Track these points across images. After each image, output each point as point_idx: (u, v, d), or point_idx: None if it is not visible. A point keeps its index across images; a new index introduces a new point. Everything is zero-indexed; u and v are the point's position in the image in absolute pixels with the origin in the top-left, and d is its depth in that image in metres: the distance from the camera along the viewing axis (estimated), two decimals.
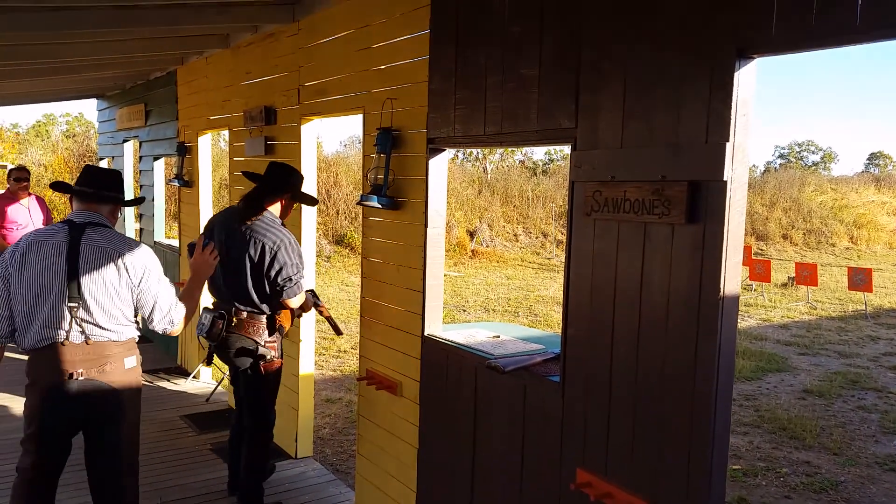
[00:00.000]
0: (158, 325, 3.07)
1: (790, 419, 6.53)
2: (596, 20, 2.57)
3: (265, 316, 3.85)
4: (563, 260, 2.81)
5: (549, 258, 19.28)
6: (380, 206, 3.66)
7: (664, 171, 2.30)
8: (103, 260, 2.90)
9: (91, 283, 2.88)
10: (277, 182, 3.85)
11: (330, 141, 69.38)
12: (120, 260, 2.90)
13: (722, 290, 2.17)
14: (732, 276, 2.20)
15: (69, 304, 2.86)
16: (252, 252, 3.72)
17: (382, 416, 3.94)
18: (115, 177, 3.16)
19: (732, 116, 2.15)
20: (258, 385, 3.92)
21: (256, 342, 3.82)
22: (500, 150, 28.71)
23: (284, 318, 3.93)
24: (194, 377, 6.72)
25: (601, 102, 2.55)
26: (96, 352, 2.92)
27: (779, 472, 5.37)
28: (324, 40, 4.36)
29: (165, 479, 4.51)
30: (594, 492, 2.52)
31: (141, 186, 8.48)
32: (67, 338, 2.88)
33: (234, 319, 3.82)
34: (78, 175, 3.12)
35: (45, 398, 2.92)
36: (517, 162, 31.69)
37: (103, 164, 10.23)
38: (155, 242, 7.94)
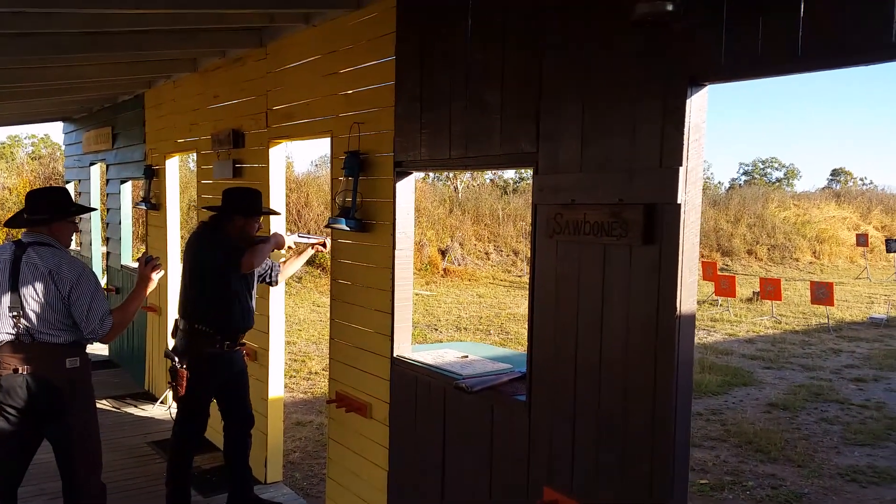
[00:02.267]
0: (87, 332, 3.37)
1: (756, 432, 6.65)
2: (555, 49, 2.65)
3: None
4: (528, 281, 2.87)
5: (520, 276, 19.40)
6: (348, 228, 3.70)
7: (621, 195, 2.38)
8: (37, 276, 3.30)
9: (28, 296, 3.29)
10: (224, 207, 4.12)
11: (301, 161, 69.30)
12: (50, 275, 3.30)
13: (678, 309, 2.24)
14: (688, 295, 2.27)
15: (11, 314, 3.29)
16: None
17: (352, 439, 3.95)
18: (46, 198, 3.50)
19: (685, 142, 2.24)
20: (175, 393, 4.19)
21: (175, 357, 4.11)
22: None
23: None
24: (162, 402, 6.63)
25: (561, 128, 2.63)
26: (39, 351, 3.31)
27: (745, 486, 5.47)
28: (291, 65, 4.41)
29: None
30: None
31: (108, 210, 8.41)
32: (17, 338, 3.29)
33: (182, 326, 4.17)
34: None
35: None
36: (488, 181, 31.91)
37: (69, 187, 10.11)
38: (122, 266, 7.86)
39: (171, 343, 4.33)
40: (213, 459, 5.29)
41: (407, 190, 3.59)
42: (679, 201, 2.24)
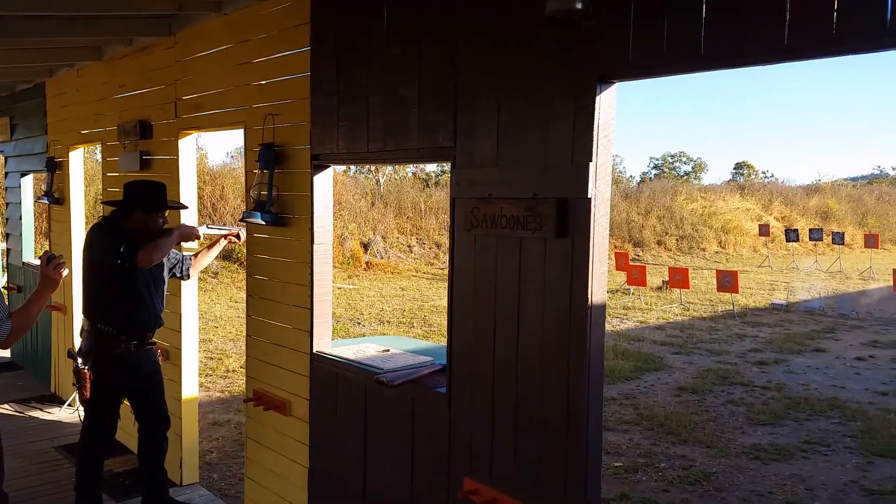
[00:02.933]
0: None
1: (667, 416, 6.93)
2: (469, 45, 2.68)
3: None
4: (447, 274, 2.89)
5: (442, 268, 19.50)
6: (263, 222, 3.63)
7: (536, 189, 2.43)
8: None
9: None
10: (125, 201, 3.96)
11: (216, 152, 67.18)
12: None
13: (590, 300, 2.31)
14: (599, 286, 2.34)
15: None
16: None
17: (271, 437, 3.89)
18: None
19: (595, 138, 2.30)
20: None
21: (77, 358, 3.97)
22: None
23: None
24: (69, 404, 6.34)
25: (477, 123, 2.65)
26: None
27: (657, 467, 5.69)
28: (201, 54, 4.27)
29: None
30: (480, 499, 2.60)
31: (7, 204, 7.94)
32: None
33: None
34: None
35: None
36: (410, 174, 31.89)
37: None
38: (24, 263, 7.44)
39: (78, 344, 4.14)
40: (125, 462, 5.10)
41: (325, 183, 3.55)
42: (589, 195, 2.30)
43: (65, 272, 3.36)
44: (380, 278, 17.78)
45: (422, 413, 2.96)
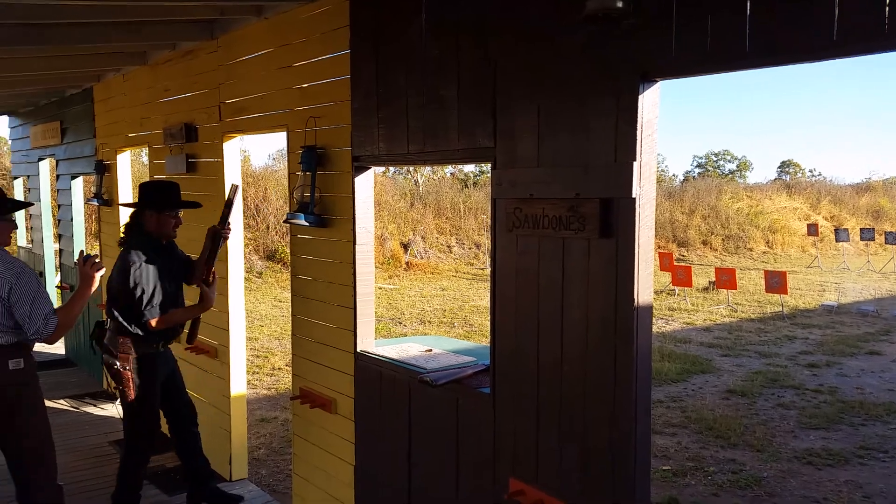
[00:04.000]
0: (31, 332, 3.30)
1: (715, 419, 6.80)
2: (508, 45, 2.66)
3: (131, 335, 3.91)
4: (489, 275, 2.88)
5: (482, 268, 19.47)
6: (307, 223, 3.66)
7: (578, 189, 2.39)
8: None
9: None
10: (138, 202, 4.05)
11: (258, 154, 68.26)
12: None
13: (636, 301, 2.27)
14: (645, 287, 2.30)
15: None
16: (116, 272, 3.92)
17: (318, 435, 3.92)
18: None
19: (638, 137, 2.26)
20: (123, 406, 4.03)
21: (113, 352, 3.93)
22: None
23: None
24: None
25: (518, 123, 2.63)
26: None
27: (706, 471, 5.58)
28: (244, 58, 4.33)
29: None
30: (526, 500, 2.58)
31: (59, 206, 8.18)
32: None
33: (108, 334, 3.97)
34: None
35: None
36: (448, 174, 31.92)
37: (17, 183, 9.81)
38: (75, 264, 7.65)
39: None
40: (176, 458, 5.18)
41: (366, 184, 3.56)
42: (634, 195, 2.26)
43: (102, 271, 3.55)
44: (420, 278, 17.83)
45: (466, 413, 2.94)
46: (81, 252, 3.77)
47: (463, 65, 2.86)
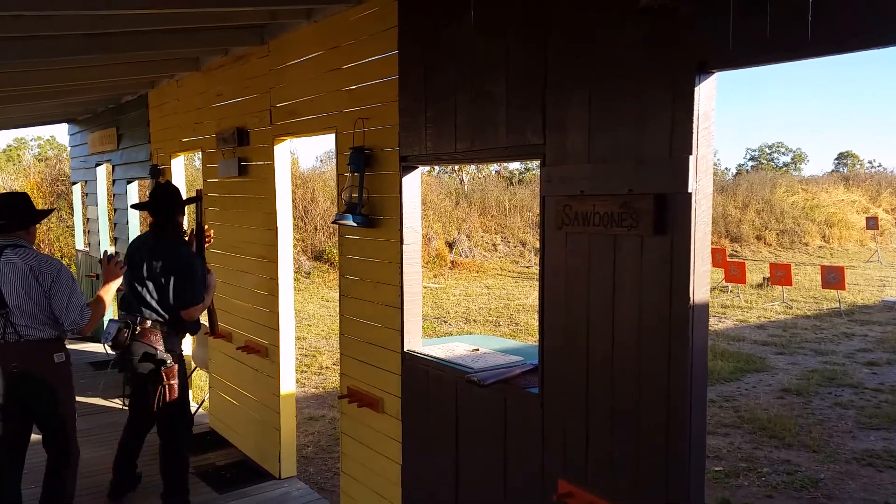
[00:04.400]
0: (68, 323, 3.66)
1: (769, 418, 6.62)
2: (559, 38, 2.62)
3: (168, 325, 4.17)
4: (538, 273, 2.85)
5: (528, 267, 19.38)
6: (355, 224, 3.69)
7: (631, 185, 2.35)
8: (18, 274, 3.59)
9: (12, 293, 3.57)
10: (169, 202, 4.28)
11: (306, 157, 69.28)
12: (31, 272, 3.59)
13: (692, 299, 2.22)
14: (701, 285, 2.25)
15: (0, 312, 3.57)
16: (166, 268, 4.12)
17: (365, 434, 3.95)
18: (11, 203, 3.80)
19: (695, 130, 2.21)
20: (164, 395, 4.14)
21: (156, 349, 4.12)
22: None
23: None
24: None
25: (567, 118, 2.60)
26: (27, 348, 3.60)
27: (760, 472, 5.44)
28: (294, 61, 4.39)
29: None
30: (575, 502, 2.55)
31: (115, 210, 8.43)
32: (3, 338, 3.58)
33: (139, 329, 4.12)
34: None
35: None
36: (493, 172, 31.86)
37: (76, 188, 10.15)
38: (99, 261, 7.87)
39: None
40: (227, 456, 5.32)
41: (413, 184, 3.57)
42: (690, 190, 2.21)
43: (124, 268, 4.10)
44: (465, 277, 17.84)
45: (514, 413, 2.93)
46: (105, 251, 4.30)
47: (512, 61, 2.84)
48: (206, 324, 5.00)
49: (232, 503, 4.54)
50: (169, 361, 4.12)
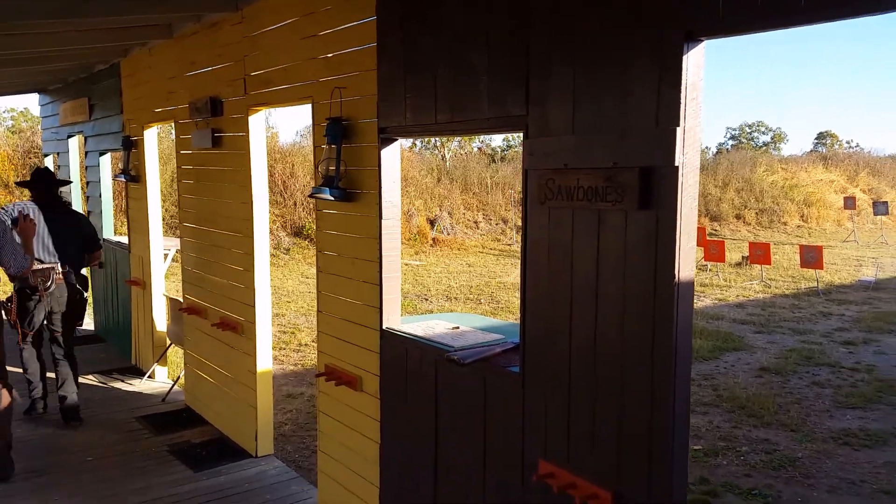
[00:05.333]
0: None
1: (748, 397, 6.65)
2: (543, 7, 2.52)
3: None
4: (520, 249, 2.78)
5: (509, 244, 19.34)
6: (332, 198, 3.58)
7: (616, 158, 2.27)
8: None
9: None
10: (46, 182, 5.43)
11: (286, 131, 68.50)
12: None
13: (677, 276, 2.15)
14: (687, 262, 2.18)
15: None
16: (80, 226, 5.48)
17: (343, 412, 3.88)
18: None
19: (682, 100, 2.13)
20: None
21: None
22: (459, 138, 28.66)
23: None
24: (149, 377, 6.55)
25: (551, 89, 2.51)
26: None
27: (739, 451, 5.46)
28: (268, 28, 4.24)
29: (124, 484, 4.38)
30: (557, 483, 2.50)
31: (88, 183, 8.22)
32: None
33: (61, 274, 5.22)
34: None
35: None
36: (475, 149, 31.70)
37: (48, 160, 9.88)
38: (104, 239, 7.70)
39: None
40: (202, 433, 5.24)
41: (392, 157, 3.47)
42: (677, 163, 2.13)
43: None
44: (446, 255, 17.77)
45: (494, 392, 2.86)
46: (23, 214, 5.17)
47: (494, 29, 2.74)
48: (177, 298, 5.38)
49: (207, 481, 4.46)
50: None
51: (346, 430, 3.86)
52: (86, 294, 5.48)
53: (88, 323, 8.62)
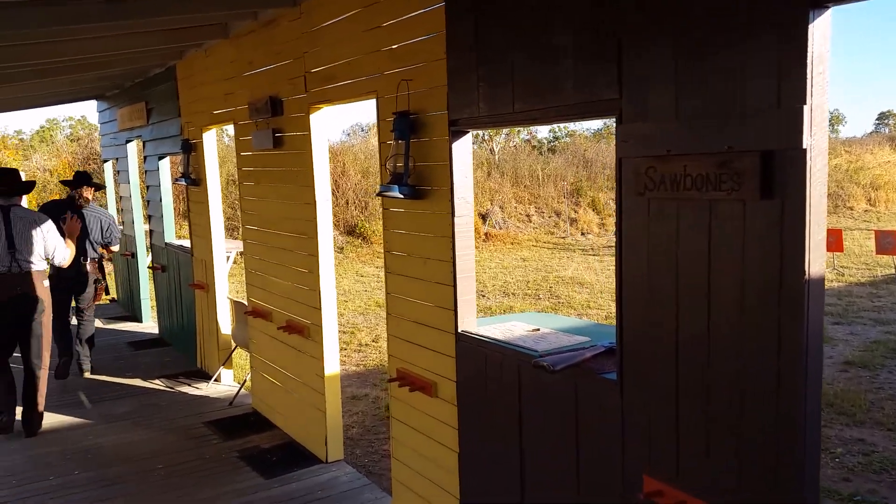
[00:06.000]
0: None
1: (836, 394, 6.26)
2: None
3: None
4: (615, 244, 2.56)
5: (563, 237, 19.00)
6: (401, 196, 3.41)
7: (731, 142, 2.03)
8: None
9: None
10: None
11: (332, 131, 69.21)
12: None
13: (807, 272, 1.91)
14: (817, 256, 1.93)
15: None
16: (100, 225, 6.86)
17: (418, 419, 3.72)
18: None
19: (808, 75, 1.88)
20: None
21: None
22: (506, 130, 28.30)
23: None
24: (215, 380, 6.52)
25: (649, 68, 2.28)
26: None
27: (833, 452, 5.12)
28: (328, 22, 4.09)
29: (193, 491, 4.32)
30: (667, 502, 2.28)
31: (147, 187, 8.27)
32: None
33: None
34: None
35: None
36: (523, 141, 31.31)
37: (107, 166, 10.02)
38: (166, 244, 7.73)
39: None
40: (271, 438, 5.16)
41: (464, 151, 3.28)
42: (804, 146, 1.89)
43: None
44: (500, 249, 17.54)
45: (588, 401, 2.65)
46: (68, 213, 6.05)
47: (579, 5, 2.51)
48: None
49: (280, 488, 4.36)
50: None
51: (422, 437, 3.70)
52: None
53: (153, 326, 8.70)
